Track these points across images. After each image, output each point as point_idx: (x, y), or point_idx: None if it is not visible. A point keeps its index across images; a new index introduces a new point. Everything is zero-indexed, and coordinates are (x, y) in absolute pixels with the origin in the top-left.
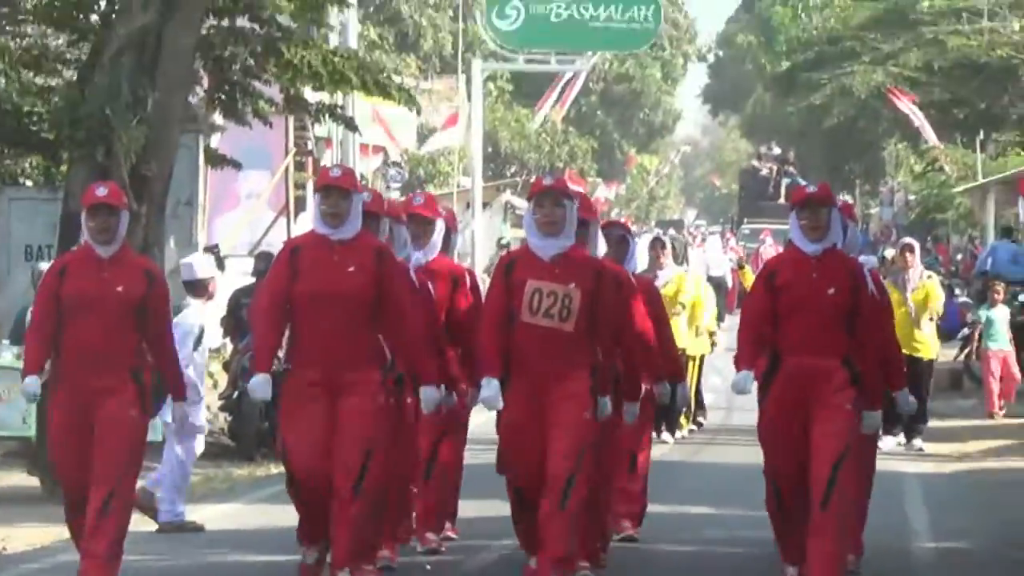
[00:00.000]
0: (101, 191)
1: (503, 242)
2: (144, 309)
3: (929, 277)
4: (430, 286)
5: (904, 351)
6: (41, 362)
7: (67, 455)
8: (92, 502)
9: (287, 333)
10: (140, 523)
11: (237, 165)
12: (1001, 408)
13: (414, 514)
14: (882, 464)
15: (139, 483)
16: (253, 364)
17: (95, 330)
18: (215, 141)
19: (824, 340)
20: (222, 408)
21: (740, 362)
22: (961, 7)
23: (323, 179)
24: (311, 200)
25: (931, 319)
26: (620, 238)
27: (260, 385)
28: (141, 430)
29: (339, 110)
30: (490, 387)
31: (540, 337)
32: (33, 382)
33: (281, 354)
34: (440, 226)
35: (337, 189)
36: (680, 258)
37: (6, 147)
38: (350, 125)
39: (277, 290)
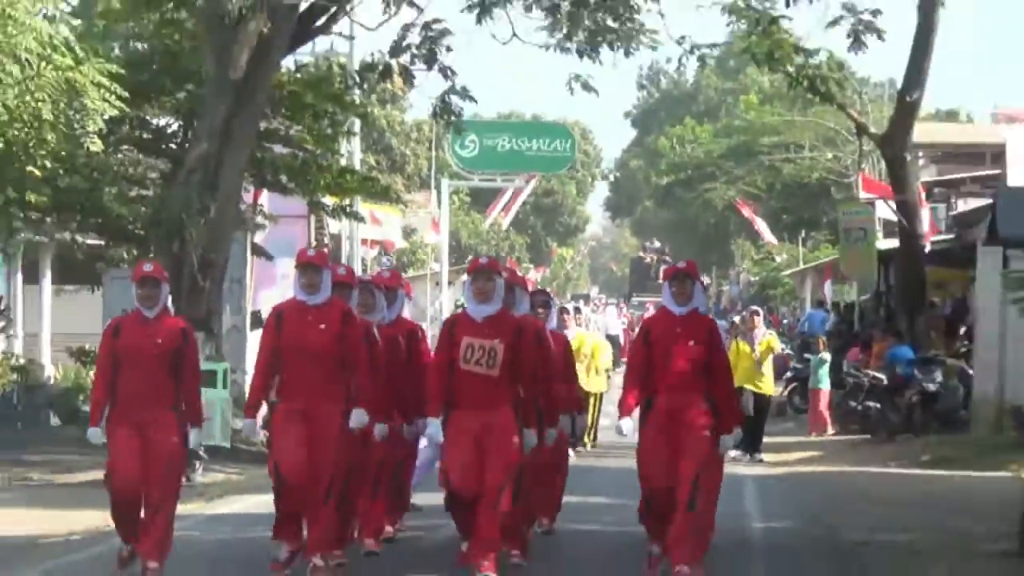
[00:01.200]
0: (147, 267)
1: (458, 303)
2: (179, 358)
3: (770, 333)
4: (400, 339)
5: (752, 388)
6: (102, 412)
7: (124, 464)
8: (146, 510)
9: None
10: (207, 508)
11: (269, 256)
12: (818, 432)
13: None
14: (729, 469)
15: None
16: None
17: (141, 374)
18: (259, 236)
19: (687, 382)
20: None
21: (622, 410)
22: (790, 142)
23: (301, 258)
24: None
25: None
26: (544, 302)
27: (249, 427)
28: (180, 453)
29: (349, 209)
30: (434, 425)
31: (473, 380)
32: (95, 433)
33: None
34: (401, 295)
35: (312, 266)
36: (584, 323)
37: (110, 240)
38: (357, 218)
39: (267, 346)
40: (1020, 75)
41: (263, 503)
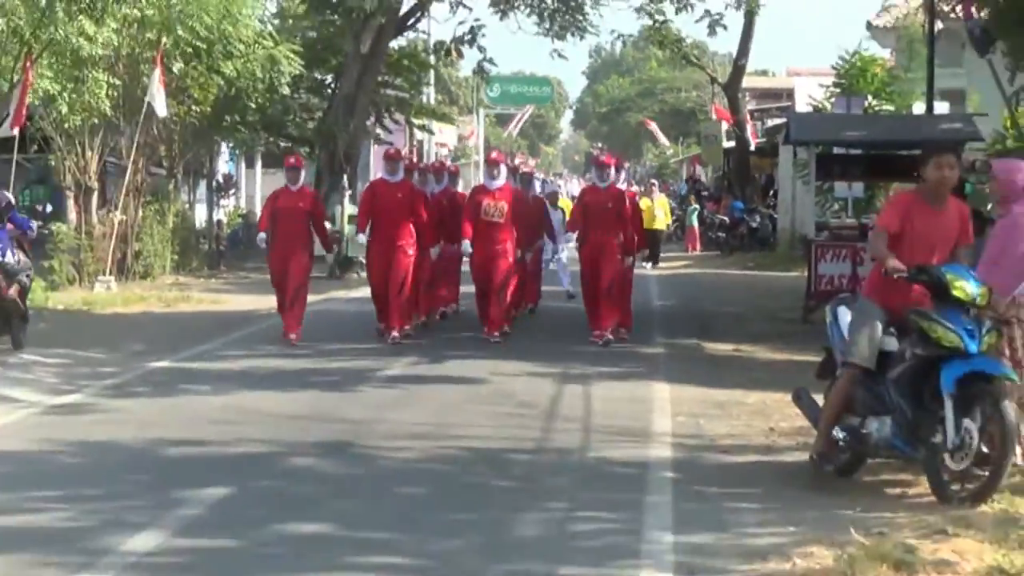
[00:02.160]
0: (291, 159)
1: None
2: (311, 214)
3: (662, 195)
4: (444, 200)
5: (651, 227)
6: (265, 235)
7: (278, 272)
8: (288, 294)
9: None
10: (347, 293)
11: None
12: (692, 249)
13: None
14: (641, 272)
15: None
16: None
17: (288, 223)
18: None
19: (607, 226)
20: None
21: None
22: (673, 87)
23: (385, 154)
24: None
25: (664, 214)
26: (529, 180)
27: (360, 238)
28: (310, 266)
29: (426, 127)
30: (465, 246)
31: (488, 225)
32: (261, 238)
33: (367, 229)
34: (445, 175)
35: (391, 159)
36: (559, 188)
37: (293, 143)
38: (430, 131)
39: (365, 203)
40: (801, 46)
41: None
